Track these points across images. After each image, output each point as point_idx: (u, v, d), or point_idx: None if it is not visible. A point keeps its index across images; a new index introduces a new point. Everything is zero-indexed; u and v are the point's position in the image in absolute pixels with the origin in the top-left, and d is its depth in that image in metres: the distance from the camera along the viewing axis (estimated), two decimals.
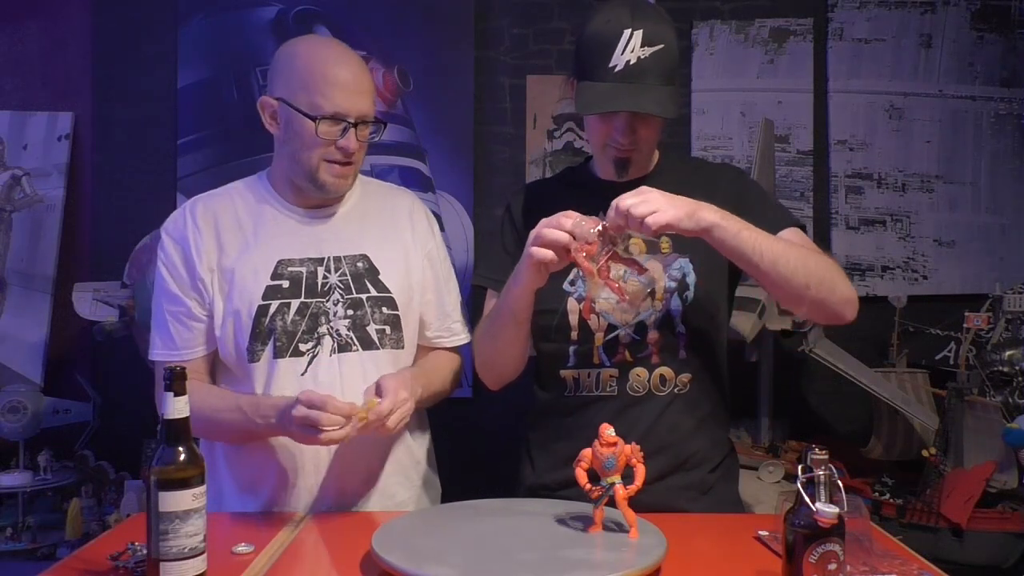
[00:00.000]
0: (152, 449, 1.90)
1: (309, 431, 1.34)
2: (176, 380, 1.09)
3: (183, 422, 1.10)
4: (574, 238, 1.30)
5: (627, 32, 1.41)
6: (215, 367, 1.60)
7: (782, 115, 2.86)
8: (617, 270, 1.35)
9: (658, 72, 1.43)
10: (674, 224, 1.29)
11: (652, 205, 1.28)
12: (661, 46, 1.42)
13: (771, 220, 1.51)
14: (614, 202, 1.30)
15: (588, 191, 1.60)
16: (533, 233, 1.35)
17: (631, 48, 1.41)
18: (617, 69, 1.42)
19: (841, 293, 1.43)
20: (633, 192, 1.31)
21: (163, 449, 1.09)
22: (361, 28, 2.82)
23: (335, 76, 1.48)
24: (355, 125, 1.49)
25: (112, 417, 2.72)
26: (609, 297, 1.47)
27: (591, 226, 1.31)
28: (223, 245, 1.55)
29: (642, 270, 1.40)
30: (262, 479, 1.55)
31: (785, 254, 1.37)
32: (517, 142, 2.88)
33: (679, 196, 1.33)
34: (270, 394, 1.50)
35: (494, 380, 1.60)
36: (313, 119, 1.47)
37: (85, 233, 2.87)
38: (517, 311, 1.45)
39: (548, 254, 1.33)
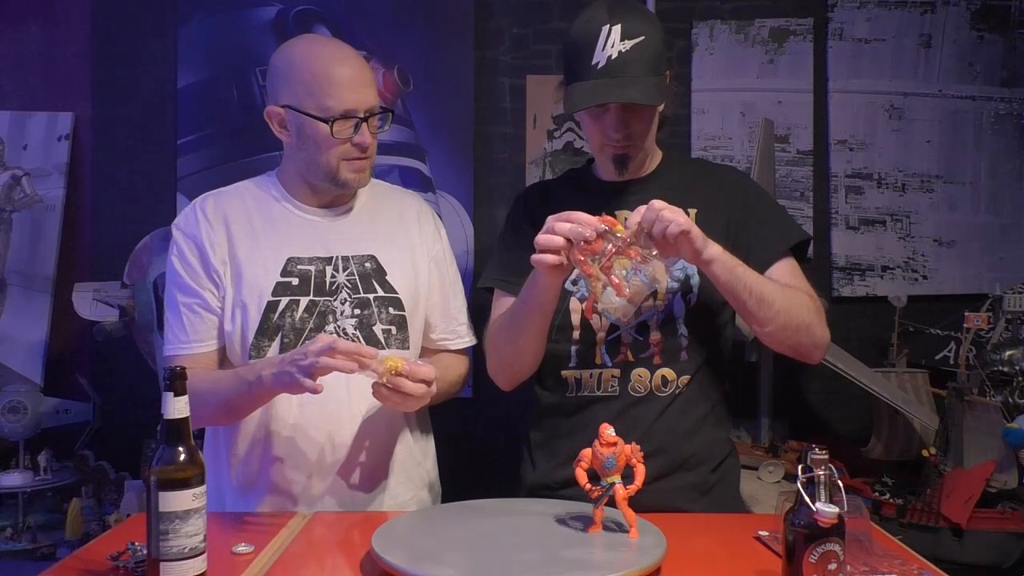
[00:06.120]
0: (152, 449, 1.90)
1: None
2: (176, 380, 1.09)
3: (183, 422, 1.10)
4: (571, 242, 1.31)
5: (605, 28, 1.42)
6: (223, 366, 1.59)
7: (782, 115, 2.85)
8: (621, 265, 1.34)
9: (641, 63, 1.43)
10: (689, 234, 1.30)
11: (681, 216, 1.29)
12: (641, 38, 1.43)
13: (772, 236, 1.52)
14: (652, 202, 1.30)
15: (590, 192, 1.60)
16: (536, 241, 1.35)
17: (611, 43, 1.42)
18: (600, 66, 1.43)
19: (815, 339, 1.47)
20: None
21: (163, 449, 1.09)
22: (361, 28, 2.82)
23: (339, 75, 1.49)
24: (366, 119, 1.51)
25: (112, 417, 2.72)
26: (612, 301, 1.46)
27: (590, 226, 1.30)
28: (233, 240, 1.56)
29: (646, 260, 1.34)
30: (262, 479, 1.55)
31: (771, 297, 1.40)
32: (517, 142, 2.88)
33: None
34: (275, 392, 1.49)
35: (509, 380, 1.59)
36: (326, 121, 1.49)
37: (85, 233, 2.87)
38: (544, 302, 1.45)
39: (550, 259, 1.33)
